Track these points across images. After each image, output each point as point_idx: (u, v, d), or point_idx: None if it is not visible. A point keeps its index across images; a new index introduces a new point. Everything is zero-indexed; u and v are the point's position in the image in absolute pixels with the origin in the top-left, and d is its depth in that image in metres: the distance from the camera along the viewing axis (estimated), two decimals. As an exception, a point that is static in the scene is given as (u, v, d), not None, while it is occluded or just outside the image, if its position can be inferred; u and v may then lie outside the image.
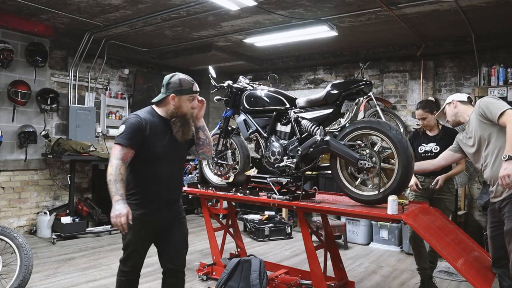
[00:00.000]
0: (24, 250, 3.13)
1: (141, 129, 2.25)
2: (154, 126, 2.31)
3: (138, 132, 2.24)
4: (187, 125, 2.38)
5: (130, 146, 2.21)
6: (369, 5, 4.21)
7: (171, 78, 2.38)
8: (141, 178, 2.34)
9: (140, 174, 2.34)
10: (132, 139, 2.22)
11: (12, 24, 4.94)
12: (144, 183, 2.35)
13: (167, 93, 2.35)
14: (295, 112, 3.29)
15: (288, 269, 3.83)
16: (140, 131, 2.25)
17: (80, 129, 5.91)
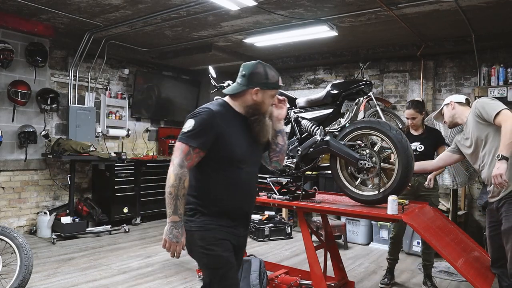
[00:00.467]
0: (24, 250, 3.13)
1: (214, 125, 1.81)
2: (230, 122, 1.88)
3: (211, 130, 1.81)
4: (268, 125, 1.99)
5: (200, 147, 1.79)
6: (369, 5, 4.21)
7: (256, 67, 1.95)
8: (213, 186, 1.89)
9: (213, 181, 1.89)
10: (202, 138, 1.79)
11: (12, 24, 4.94)
12: (218, 193, 1.89)
13: (250, 85, 1.92)
14: (295, 112, 3.29)
15: (288, 269, 3.83)
16: (213, 129, 1.81)
17: (80, 129, 5.91)
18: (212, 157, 1.85)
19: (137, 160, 6.46)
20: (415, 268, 4.42)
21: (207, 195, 1.89)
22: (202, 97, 7.94)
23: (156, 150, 7.47)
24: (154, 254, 4.77)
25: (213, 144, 1.82)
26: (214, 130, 1.82)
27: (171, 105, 7.55)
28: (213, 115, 1.83)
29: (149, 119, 7.41)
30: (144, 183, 6.46)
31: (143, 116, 7.24)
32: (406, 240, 4.89)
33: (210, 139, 1.81)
